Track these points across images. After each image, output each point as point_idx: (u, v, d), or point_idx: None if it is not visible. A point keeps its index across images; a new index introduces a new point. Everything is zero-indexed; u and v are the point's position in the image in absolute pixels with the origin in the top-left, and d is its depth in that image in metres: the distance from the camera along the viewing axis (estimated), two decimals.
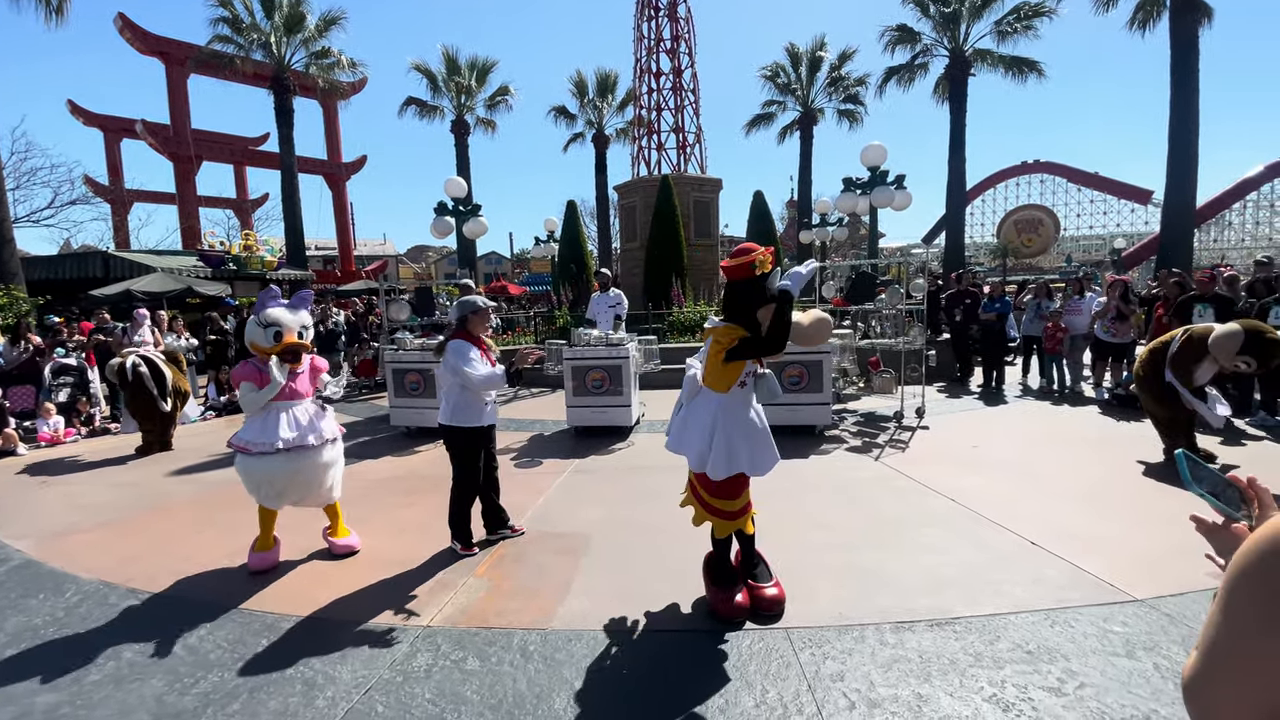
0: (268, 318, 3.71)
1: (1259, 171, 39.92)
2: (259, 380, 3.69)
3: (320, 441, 3.81)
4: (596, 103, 25.29)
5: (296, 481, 3.77)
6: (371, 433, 7.71)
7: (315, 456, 3.79)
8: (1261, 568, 0.68)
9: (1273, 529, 0.70)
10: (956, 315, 9.76)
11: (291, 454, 3.69)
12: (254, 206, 34.12)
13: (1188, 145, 15.50)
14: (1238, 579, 0.71)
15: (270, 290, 3.89)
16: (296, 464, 3.71)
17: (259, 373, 3.70)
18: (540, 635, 2.93)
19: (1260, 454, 5.52)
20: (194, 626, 3.13)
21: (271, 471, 3.66)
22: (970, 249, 37.00)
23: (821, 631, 2.87)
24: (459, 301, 3.95)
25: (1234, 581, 0.72)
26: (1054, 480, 4.92)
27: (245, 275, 18.57)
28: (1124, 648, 2.64)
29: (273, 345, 3.71)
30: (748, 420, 2.98)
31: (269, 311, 3.73)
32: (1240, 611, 0.70)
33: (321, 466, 3.85)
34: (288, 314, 3.79)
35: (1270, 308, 6.43)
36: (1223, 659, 0.71)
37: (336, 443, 3.98)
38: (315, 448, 3.78)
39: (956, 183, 20.64)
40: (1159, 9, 15.86)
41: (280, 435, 3.66)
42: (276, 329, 3.71)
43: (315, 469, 3.81)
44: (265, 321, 3.71)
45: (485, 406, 3.89)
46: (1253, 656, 0.68)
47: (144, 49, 23.81)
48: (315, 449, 3.78)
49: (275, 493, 3.76)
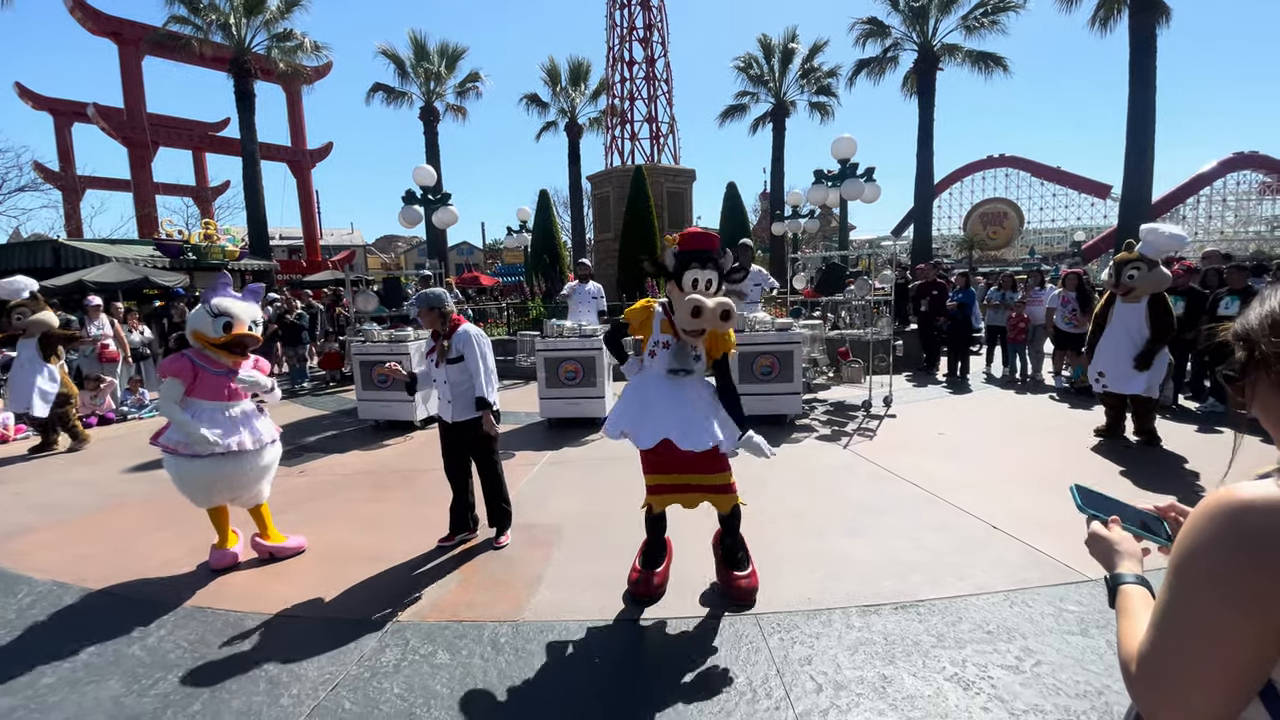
0: (218, 307, 3.49)
1: (1212, 167, 41.50)
2: (188, 377, 3.44)
3: (258, 445, 3.59)
4: (569, 91, 25.01)
5: (229, 484, 3.54)
6: (339, 426, 7.57)
7: (252, 460, 3.57)
8: (1220, 544, 0.69)
9: (1222, 504, 0.70)
10: (923, 306, 9.95)
11: (225, 457, 3.45)
12: (214, 194, 33.02)
13: (1145, 141, 15.98)
14: (1195, 556, 0.71)
15: (222, 277, 3.73)
16: (229, 467, 3.48)
17: (192, 368, 3.45)
18: (511, 627, 2.92)
19: (1225, 441, 5.77)
20: (152, 626, 3.05)
21: (202, 474, 3.44)
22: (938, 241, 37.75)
23: (790, 616, 2.91)
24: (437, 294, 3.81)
25: (1189, 559, 0.72)
26: (1014, 466, 5.07)
27: (205, 265, 17.96)
28: (1078, 626, 2.74)
29: (221, 336, 3.48)
30: (654, 390, 2.98)
31: (220, 300, 3.52)
32: (1199, 589, 0.70)
33: (258, 470, 3.64)
34: (239, 304, 3.59)
35: (1222, 298, 6.69)
36: (1183, 638, 0.71)
37: (275, 444, 3.75)
38: (252, 451, 3.55)
39: (925, 176, 20.96)
40: (1119, 8, 16.27)
41: (214, 437, 3.41)
42: (227, 319, 3.49)
43: (250, 472, 3.59)
44: (216, 311, 3.48)
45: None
46: (1217, 634, 0.68)
47: (96, 29, 22.75)
48: (252, 453, 3.56)
49: (205, 495, 3.56)
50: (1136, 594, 0.92)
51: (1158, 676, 0.74)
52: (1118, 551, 1.00)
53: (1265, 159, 40.52)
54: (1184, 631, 0.71)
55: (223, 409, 3.52)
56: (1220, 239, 41.04)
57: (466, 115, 24.94)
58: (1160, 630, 0.74)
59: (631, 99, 18.29)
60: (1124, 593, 0.93)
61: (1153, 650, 0.75)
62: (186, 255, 17.52)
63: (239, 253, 18.93)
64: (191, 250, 17.67)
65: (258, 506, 3.81)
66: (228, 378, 3.56)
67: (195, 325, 3.53)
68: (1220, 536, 0.69)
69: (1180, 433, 5.92)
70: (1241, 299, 6.57)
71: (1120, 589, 0.94)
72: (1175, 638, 0.72)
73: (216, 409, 3.50)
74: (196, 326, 3.52)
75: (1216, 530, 0.69)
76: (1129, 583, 0.94)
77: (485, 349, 3.74)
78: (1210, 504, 0.71)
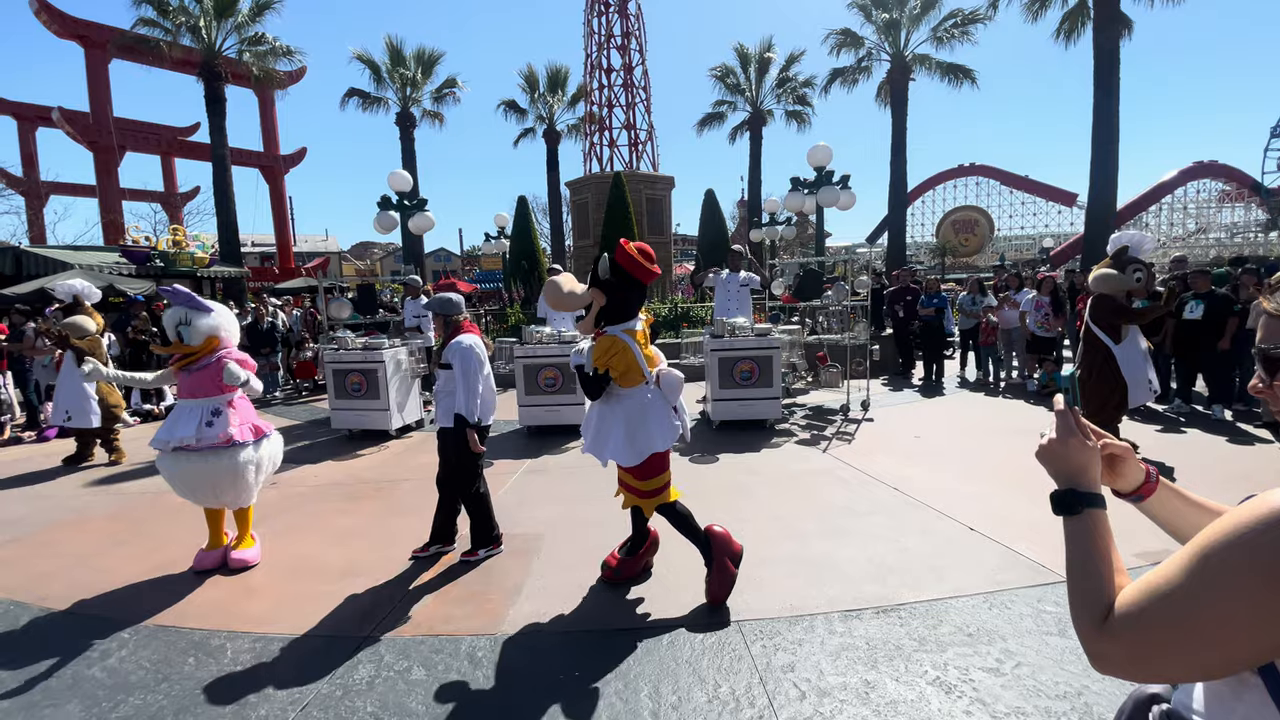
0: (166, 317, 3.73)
1: (1173, 176, 42.80)
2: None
3: (201, 444, 3.56)
4: (547, 98, 24.95)
5: (187, 482, 3.62)
6: (311, 436, 7.40)
7: (201, 460, 3.56)
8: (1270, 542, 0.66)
9: (1271, 504, 0.68)
10: (899, 311, 10.09)
11: (177, 454, 3.57)
12: (184, 200, 32.23)
13: (1109, 150, 16.43)
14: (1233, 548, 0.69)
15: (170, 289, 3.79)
16: (182, 465, 3.57)
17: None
18: (490, 641, 2.85)
19: (1189, 441, 5.90)
20: (114, 646, 2.93)
21: (166, 470, 3.62)
22: (911, 248, 38.31)
23: (773, 623, 2.90)
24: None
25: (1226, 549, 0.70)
26: (988, 468, 5.13)
27: (173, 272, 17.52)
28: (1056, 626, 2.76)
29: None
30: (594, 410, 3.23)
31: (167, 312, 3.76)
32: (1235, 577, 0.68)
33: (212, 470, 3.58)
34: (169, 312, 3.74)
35: (1186, 301, 6.87)
36: (1194, 619, 0.70)
37: (249, 447, 3.67)
38: (223, 449, 3.58)
39: (898, 184, 21.30)
40: (1083, 21, 16.75)
41: (173, 435, 3.57)
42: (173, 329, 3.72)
43: (205, 472, 3.57)
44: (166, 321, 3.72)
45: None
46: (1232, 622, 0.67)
47: (62, 32, 22.12)
48: (224, 450, 3.58)
49: (189, 491, 3.67)
50: (1104, 525, 0.89)
51: (1145, 643, 0.74)
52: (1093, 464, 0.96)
53: (1224, 168, 41.92)
54: (1197, 613, 0.70)
55: (195, 406, 3.64)
56: (1182, 245, 42.36)
57: (444, 121, 24.72)
58: (1168, 602, 0.73)
59: (610, 106, 18.32)
60: (1096, 519, 0.89)
61: (1153, 617, 0.74)
62: (154, 262, 17.07)
63: (209, 259, 18.50)
64: (159, 257, 17.21)
65: (243, 510, 3.85)
66: (190, 377, 3.66)
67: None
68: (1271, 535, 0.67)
69: (1144, 434, 6.05)
70: (1205, 302, 6.76)
71: (1092, 513, 0.90)
72: (1184, 616, 0.71)
73: (191, 407, 3.63)
74: None
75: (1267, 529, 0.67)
76: (1101, 508, 0.91)
77: (470, 365, 3.59)
78: (1262, 503, 0.70)
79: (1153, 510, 1.06)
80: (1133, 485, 1.05)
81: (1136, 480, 1.05)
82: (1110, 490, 1.04)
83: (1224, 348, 6.68)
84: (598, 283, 3.04)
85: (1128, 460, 1.05)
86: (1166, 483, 1.06)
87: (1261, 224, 41.34)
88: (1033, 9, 17.20)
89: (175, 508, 3.82)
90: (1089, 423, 1.02)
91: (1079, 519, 0.90)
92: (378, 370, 6.90)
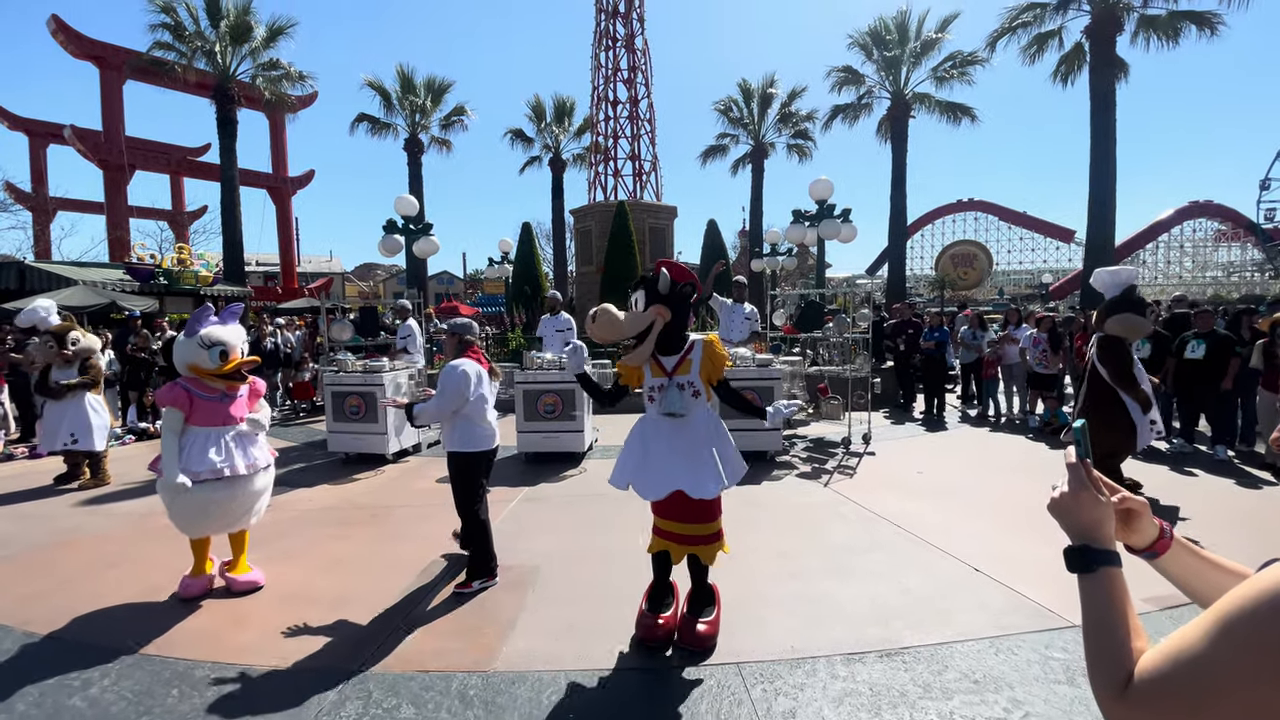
0: (209, 337, 3.51)
1: (1169, 215, 43.32)
2: (185, 405, 3.46)
3: (252, 470, 3.61)
4: (554, 128, 25.40)
5: (223, 510, 3.54)
6: (307, 459, 7.34)
7: (246, 485, 3.59)
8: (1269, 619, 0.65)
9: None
10: (900, 344, 10.09)
11: (220, 482, 3.47)
12: (190, 219, 32.52)
13: (1106, 189, 16.66)
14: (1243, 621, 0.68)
15: (206, 308, 3.70)
16: (223, 492, 3.49)
17: (188, 397, 3.47)
18: (481, 678, 2.77)
19: (1192, 481, 5.85)
20: (96, 675, 2.84)
21: (195, 499, 3.42)
22: (911, 280, 38.58)
23: (773, 666, 2.82)
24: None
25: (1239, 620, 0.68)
26: (992, 506, 5.07)
27: (176, 290, 17.61)
28: (1065, 674, 2.69)
29: (219, 365, 3.52)
30: (654, 437, 2.94)
31: (208, 330, 3.53)
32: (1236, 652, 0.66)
33: (251, 495, 3.65)
34: (227, 330, 3.62)
35: (1188, 341, 6.87)
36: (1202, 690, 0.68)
37: (269, 469, 3.79)
38: (246, 476, 3.58)
39: (898, 217, 21.53)
40: (1079, 64, 17.13)
41: (209, 462, 3.43)
42: (222, 348, 3.53)
43: (244, 497, 3.61)
44: (208, 341, 3.50)
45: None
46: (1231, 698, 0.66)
47: (78, 52, 22.59)
48: (246, 478, 3.58)
49: (198, 522, 3.53)
50: (1120, 584, 0.87)
51: (1168, 713, 0.72)
52: (1107, 520, 0.93)
53: (1219, 208, 42.44)
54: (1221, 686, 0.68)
55: (220, 433, 3.54)
56: (1179, 283, 42.68)
57: (451, 147, 25.11)
58: (1192, 674, 0.71)
59: (615, 137, 18.60)
60: (1111, 578, 0.87)
61: (1176, 687, 0.72)
62: (157, 279, 17.16)
63: (212, 278, 18.60)
64: (163, 275, 17.31)
65: (241, 532, 3.78)
66: (223, 402, 3.58)
67: (189, 359, 3.54)
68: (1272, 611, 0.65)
69: (1146, 472, 5.99)
70: (1207, 342, 6.76)
71: (1107, 571, 0.88)
72: (1208, 689, 0.69)
73: (214, 434, 3.52)
74: (191, 359, 3.53)
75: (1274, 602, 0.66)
76: (1116, 565, 0.89)
77: (449, 386, 3.55)
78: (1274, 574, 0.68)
79: (1167, 567, 1.04)
80: (1147, 541, 1.02)
81: (1150, 536, 1.02)
82: (1124, 546, 1.02)
83: (1226, 388, 6.66)
84: (659, 298, 2.80)
85: (1142, 515, 1.03)
86: (1181, 540, 1.03)
87: (1257, 263, 41.71)
88: (1030, 52, 17.59)
89: (165, 531, 3.75)
90: (1102, 476, 1.00)
91: (1093, 577, 0.88)
92: (377, 393, 6.86)
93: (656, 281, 2.81)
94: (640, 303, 2.82)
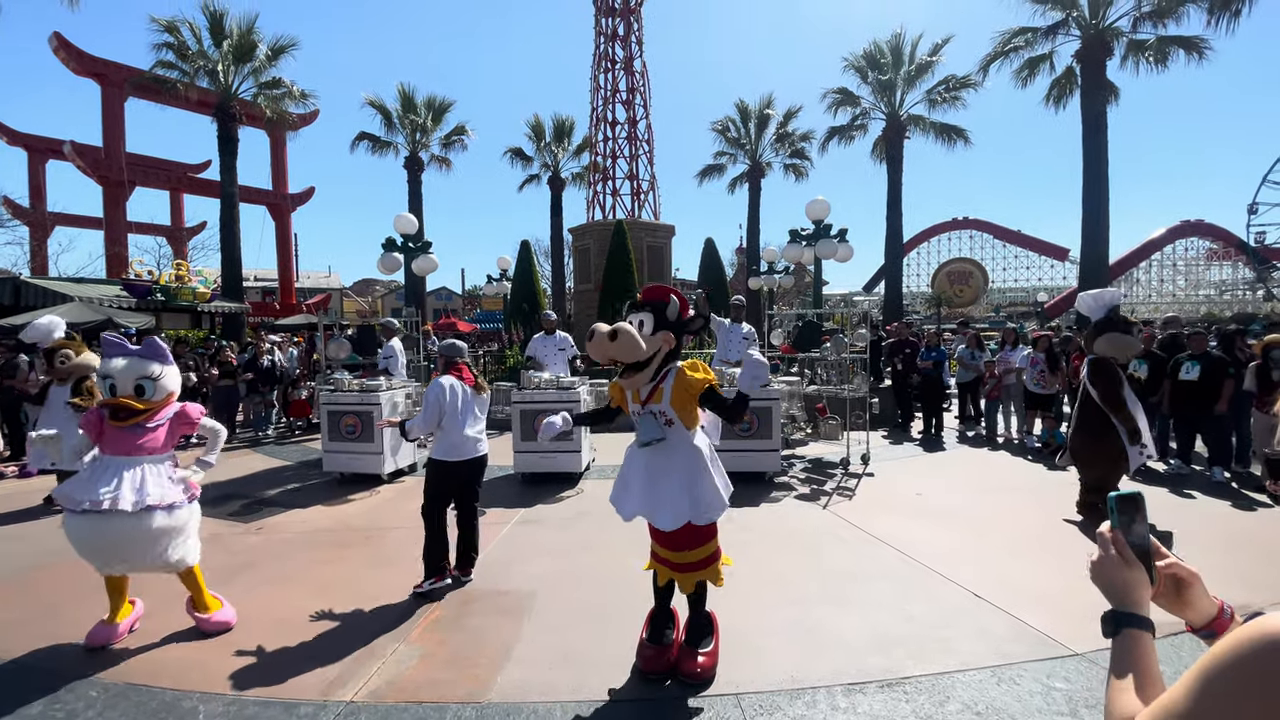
0: (104, 369, 3.40)
1: (1161, 234, 43.73)
2: (94, 431, 3.35)
3: (139, 507, 3.17)
4: (553, 147, 25.59)
5: (111, 546, 3.20)
6: (301, 479, 7.27)
7: (135, 522, 3.17)
8: (1258, 667, 0.66)
9: (1265, 631, 0.67)
10: (897, 364, 10.11)
11: (102, 516, 3.11)
12: (189, 235, 32.59)
13: (1099, 208, 16.81)
14: (1220, 677, 0.69)
15: (117, 337, 3.57)
16: (107, 526, 3.13)
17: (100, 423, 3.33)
18: (475, 710, 2.72)
19: (1190, 502, 5.83)
20: (79, 706, 2.78)
21: (74, 532, 3.18)
22: (907, 298, 38.77)
23: (773, 696, 2.77)
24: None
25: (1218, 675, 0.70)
26: (991, 529, 5.04)
27: (173, 306, 17.57)
28: (1068, 706, 2.65)
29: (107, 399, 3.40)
30: (633, 462, 2.99)
31: (106, 364, 3.40)
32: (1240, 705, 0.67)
33: (145, 533, 3.22)
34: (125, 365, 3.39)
35: (1182, 362, 6.89)
36: None
37: (175, 510, 3.33)
38: (134, 514, 3.15)
39: (894, 236, 21.69)
40: (1071, 88, 17.38)
41: (94, 492, 3.11)
42: (111, 381, 3.36)
43: (138, 535, 3.20)
44: (101, 373, 3.42)
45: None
46: None
47: (79, 69, 22.77)
48: (134, 515, 3.15)
49: (97, 557, 3.25)
50: (1144, 646, 0.90)
51: None
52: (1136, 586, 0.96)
53: (1210, 227, 42.86)
54: None
55: (125, 464, 3.27)
56: (1172, 301, 42.99)
57: (451, 166, 25.27)
58: None
59: (614, 157, 18.78)
60: (1136, 640, 0.90)
61: None
62: (154, 296, 17.12)
63: (210, 294, 18.58)
64: (160, 291, 17.28)
65: (187, 571, 3.48)
66: (133, 433, 3.34)
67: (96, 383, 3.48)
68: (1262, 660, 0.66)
69: (1151, 495, 5.97)
70: (1201, 364, 6.78)
71: (1131, 634, 0.91)
72: None
73: (117, 463, 3.27)
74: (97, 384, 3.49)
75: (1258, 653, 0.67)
76: (1143, 629, 0.92)
77: (430, 400, 3.94)
78: (1254, 629, 0.68)
79: None
80: (1204, 619, 0.99)
81: (1207, 613, 0.99)
82: (1184, 625, 1.02)
83: (1221, 410, 6.67)
84: (667, 325, 2.83)
85: (1194, 587, 0.99)
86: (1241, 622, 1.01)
87: (1249, 282, 42.04)
88: (1021, 76, 17.84)
89: None
90: (1159, 542, 1.00)
91: (1119, 639, 0.92)
92: (373, 412, 6.83)
93: (666, 308, 2.82)
94: (649, 325, 2.80)
